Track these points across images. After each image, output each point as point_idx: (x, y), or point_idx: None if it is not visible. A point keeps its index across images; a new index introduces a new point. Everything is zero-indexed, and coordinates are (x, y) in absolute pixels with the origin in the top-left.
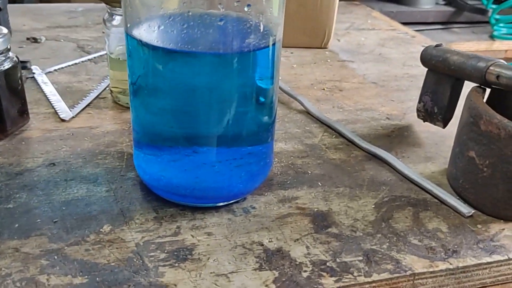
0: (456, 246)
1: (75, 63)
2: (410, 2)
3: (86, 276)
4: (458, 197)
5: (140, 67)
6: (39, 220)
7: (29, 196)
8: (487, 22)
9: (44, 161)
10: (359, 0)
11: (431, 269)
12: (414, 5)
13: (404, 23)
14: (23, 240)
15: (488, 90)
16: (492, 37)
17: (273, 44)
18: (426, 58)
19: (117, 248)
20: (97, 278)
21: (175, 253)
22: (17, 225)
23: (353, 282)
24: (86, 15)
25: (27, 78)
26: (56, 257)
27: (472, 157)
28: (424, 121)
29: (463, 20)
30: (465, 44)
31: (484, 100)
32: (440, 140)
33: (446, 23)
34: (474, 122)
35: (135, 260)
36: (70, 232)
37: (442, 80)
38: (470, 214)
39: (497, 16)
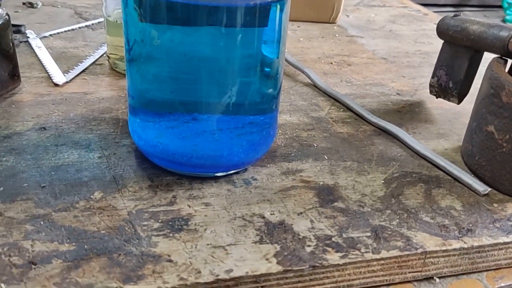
0: (470, 225)
1: (72, 29)
2: None
3: (74, 243)
4: (473, 175)
5: (137, 29)
6: (25, 185)
7: (17, 160)
8: (500, 6)
9: (34, 125)
10: None
11: (444, 248)
12: None
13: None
14: (7, 204)
15: (510, 62)
16: (504, 21)
17: (281, 2)
18: (443, 29)
19: (108, 216)
20: (85, 246)
21: (170, 223)
22: (1, 188)
23: (360, 259)
24: None
25: (20, 42)
26: (42, 222)
27: (491, 132)
28: (437, 97)
29: (475, 4)
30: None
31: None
32: (454, 117)
33: (458, 5)
34: (495, 94)
35: (126, 228)
36: (58, 198)
37: (459, 53)
38: (486, 192)
39: (510, 0)
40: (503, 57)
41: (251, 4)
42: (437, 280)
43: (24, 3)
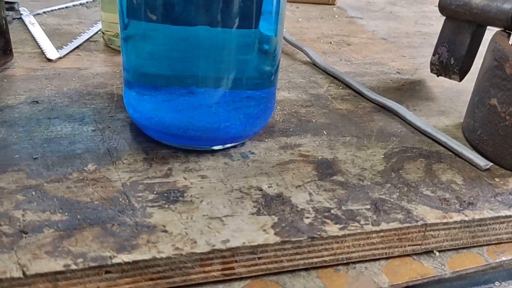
0: (472, 198)
1: (66, 7)
2: None
3: (66, 213)
4: (474, 150)
5: (132, 3)
6: (17, 156)
7: (8, 132)
8: None
9: (27, 98)
10: None
11: (444, 220)
12: None
13: None
14: None
15: None
16: None
17: None
18: (445, 4)
19: (101, 187)
20: (78, 216)
21: (165, 194)
22: None
23: (359, 231)
24: None
25: (13, 19)
26: (34, 193)
27: (493, 105)
28: (438, 76)
29: None
30: None
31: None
32: (455, 95)
33: None
34: (498, 66)
35: (120, 199)
36: (50, 169)
37: (462, 28)
38: (488, 167)
39: None
40: (507, 30)
41: None
42: (437, 253)
43: None
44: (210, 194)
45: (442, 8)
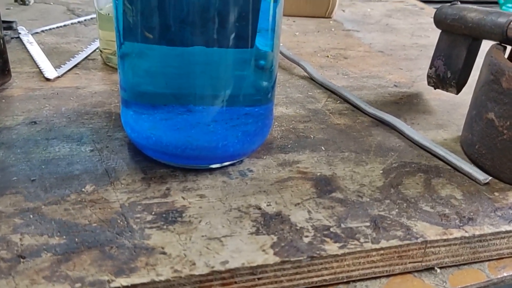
0: (471, 214)
1: (64, 25)
2: None
3: (64, 237)
4: (473, 164)
5: (128, 17)
6: (15, 178)
7: (6, 154)
8: (495, 2)
9: (25, 119)
10: None
11: (444, 237)
12: None
13: None
14: None
15: (509, 48)
16: None
17: None
18: (440, 18)
19: (99, 208)
20: (76, 239)
21: (164, 215)
22: None
23: (359, 249)
24: None
25: (11, 38)
26: (31, 216)
27: (491, 119)
28: (435, 88)
29: (470, 0)
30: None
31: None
32: (452, 108)
33: (453, 0)
34: (495, 80)
35: (119, 221)
36: (48, 191)
37: (458, 41)
38: (487, 181)
39: None
40: (502, 44)
41: None
42: (438, 270)
43: (16, 0)
44: (208, 214)
45: (438, 22)
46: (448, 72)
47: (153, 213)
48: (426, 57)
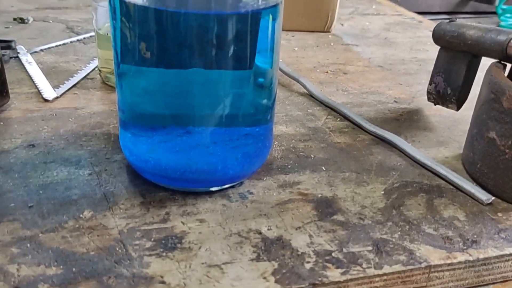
0: (475, 236)
1: (63, 44)
2: None
3: (61, 266)
4: (475, 183)
5: (125, 37)
6: (12, 205)
7: (4, 179)
8: (494, 13)
9: (23, 142)
10: None
11: (448, 261)
12: None
13: None
14: None
15: (509, 66)
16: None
17: (274, 8)
18: (439, 34)
19: (98, 235)
20: (73, 269)
21: (163, 241)
22: None
23: (362, 275)
24: None
25: (10, 57)
26: (28, 245)
27: (492, 138)
28: (435, 104)
29: (469, 10)
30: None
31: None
32: (453, 124)
33: (452, 12)
34: (495, 99)
35: (117, 249)
36: (46, 218)
37: (457, 58)
38: (490, 201)
39: (504, 7)
40: (502, 62)
41: (242, 12)
42: None
43: (15, 19)
44: (208, 240)
45: (437, 39)
46: (448, 89)
47: (152, 239)
48: (426, 71)
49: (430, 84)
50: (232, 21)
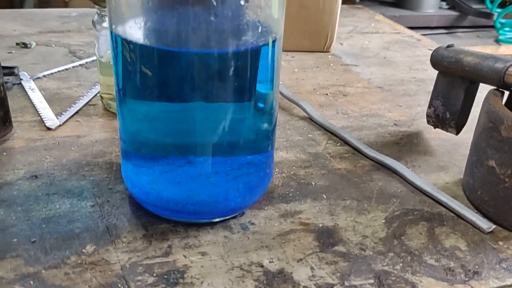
0: (477, 267)
1: (66, 69)
2: (413, 6)
3: None
4: (476, 211)
5: (127, 70)
6: (15, 240)
7: (7, 213)
8: (492, 27)
9: (26, 173)
10: (361, 3)
11: None
12: (417, 9)
13: (407, 28)
14: None
15: (506, 93)
16: (497, 41)
17: (273, 43)
18: (437, 60)
19: (100, 271)
20: None
21: (165, 276)
22: None
23: None
24: (79, 20)
25: (13, 84)
26: (32, 282)
27: (492, 167)
28: (434, 128)
29: (467, 25)
30: (470, 48)
31: (503, 104)
32: (453, 148)
33: (450, 27)
34: (494, 128)
35: (119, 285)
36: (49, 253)
37: (455, 83)
38: (491, 229)
39: (502, 20)
40: (499, 89)
41: (241, 50)
42: None
43: (17, 44)
44: (210, 274)
45: (434, 64)
46: (447, 113)
47: (154, 274)
48: (425, 92)
49: (429, 107)
50: (232, 59)
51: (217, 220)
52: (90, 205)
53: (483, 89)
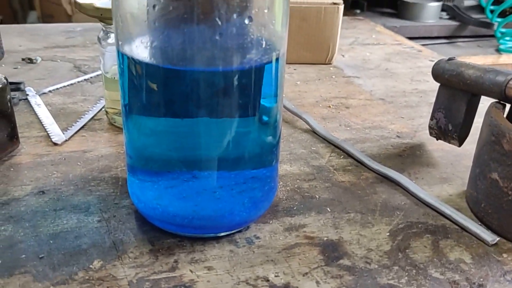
0: (481, 279)
1: (71, 84)
2: (413, 16)
3: None
4: (480, 223)
5: (133, 87)
6: (23, 256)
7: (15, 229)
8: (493, 36)
9: (33, 189)
10: (361, 15)
11: None
12: (418, 20)
13: (408, 38)
14: (5, 279)
15: (508, 106)
16: (498, 50)
17: (277, 60)
18: (438, 73)
19: (107, 287)
20: None
21: None
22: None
23: None
24: (84, 34)
25: (20, 100)
26: None
27: (495, 179)
28: (437, 139)
29: (467, 34)
30: (471, 58)
31: (504, 116)
32: (456, 159)
33: (451, 37)
34: (496, 141)
35: None
36: (56, 269)
37: (457, 96)
38: (495, 242)
39: (503, 30)
40: (501, 102)
41: (246, 68)
42: None
43: (23, 59)
44: None
45: (436, 76)
46: (449, 125)
47: None
48: (427, 103)
49: (431, 119)
50: (237, 76)
51: (222, 234)
52: (97, 220)
53: (485, 100)
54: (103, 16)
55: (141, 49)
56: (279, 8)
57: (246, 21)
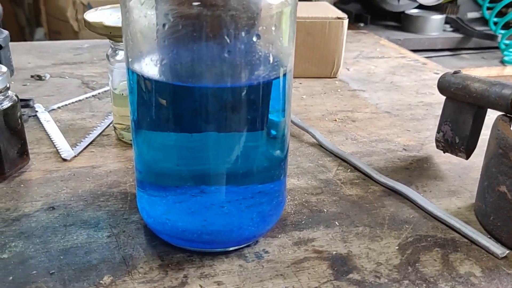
0: None
1: (79, 100)
2: (417, 29)
3: None
4: (489, 236)
5: (142, 103)
6: (34, 272)
7: (25, 245)
8: (497, 48)
9: (43, 205)
10: (365, 28)
11: None
12: (421, 33)
13: (412, 51)
14: None
15: None
16: (503, 62)
17: (284, 75)
18: (444, 86)
19: None
20: None
21: None
22: (11, 277)
23: None
24: (92, 51)
25: (29, 116)
26: None
27: (503, 192)
28: (444, 152)
29: (472, 46)
30: (475, 70)
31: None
32: (464, 172)
33: (455, 49)
34: (504, 154)
35: None
36: (67, 285)
37: (463, 109)
38: (504, 255)
39: (507, 42)
40: (507, 115)
41: (254, 84)
42: None
43: (32, 76)
44: None
45: (442, 90)
46: (456, 138)
47: None
48: (433, 116)
49: (438, 132)
50: (245, 93)
51: (231, 249)
52: (107, 235)
53: (492, 112)
54: (112, 34)
55: (151, 67)
56: (286, 25)
57: (254, 39)
